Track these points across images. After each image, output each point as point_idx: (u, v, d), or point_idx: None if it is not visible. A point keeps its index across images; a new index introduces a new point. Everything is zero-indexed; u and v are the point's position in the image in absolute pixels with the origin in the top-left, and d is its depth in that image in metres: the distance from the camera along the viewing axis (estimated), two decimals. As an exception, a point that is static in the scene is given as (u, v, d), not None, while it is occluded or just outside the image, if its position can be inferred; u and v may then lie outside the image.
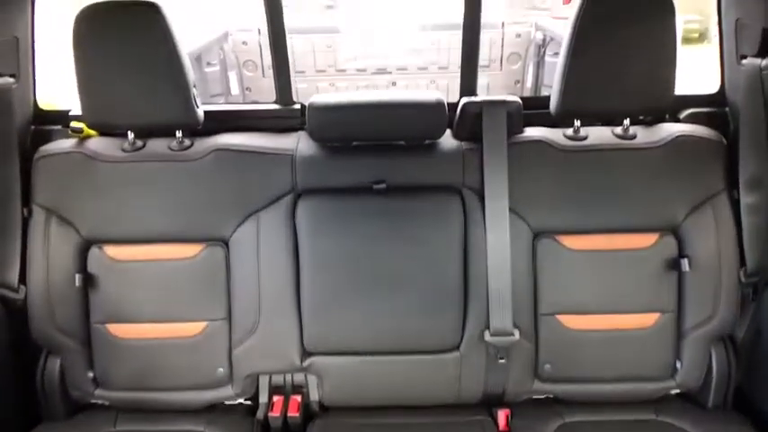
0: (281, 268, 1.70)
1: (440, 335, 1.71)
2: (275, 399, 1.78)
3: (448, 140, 1.76)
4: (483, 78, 3.09)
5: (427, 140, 1.74)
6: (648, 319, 1.70)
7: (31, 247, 1.70)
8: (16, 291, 1.69)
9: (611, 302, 1.70)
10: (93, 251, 1.71)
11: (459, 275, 1.69)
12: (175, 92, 1.63)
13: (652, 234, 1.69)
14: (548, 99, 1.70)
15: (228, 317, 1.72)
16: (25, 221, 1.71)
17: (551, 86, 1.69)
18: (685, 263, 1.67)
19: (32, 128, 1.84)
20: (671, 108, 1.77)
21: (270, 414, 1.74)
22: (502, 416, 1.72)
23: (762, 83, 1.56)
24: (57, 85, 2.42)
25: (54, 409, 1.75)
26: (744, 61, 1.66)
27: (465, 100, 1.73)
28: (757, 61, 1.59)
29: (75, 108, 1.75)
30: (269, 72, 3.78)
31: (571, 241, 1.70)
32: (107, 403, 1.79)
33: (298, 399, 1.77)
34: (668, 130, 1.74)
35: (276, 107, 1.90)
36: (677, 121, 1.83)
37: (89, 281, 1.71)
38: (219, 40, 3.88)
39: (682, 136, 1.71)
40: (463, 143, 1.75)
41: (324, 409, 1.80)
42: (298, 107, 1.89)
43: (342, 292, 1.69)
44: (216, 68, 3.81)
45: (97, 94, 1.63)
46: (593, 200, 1.69)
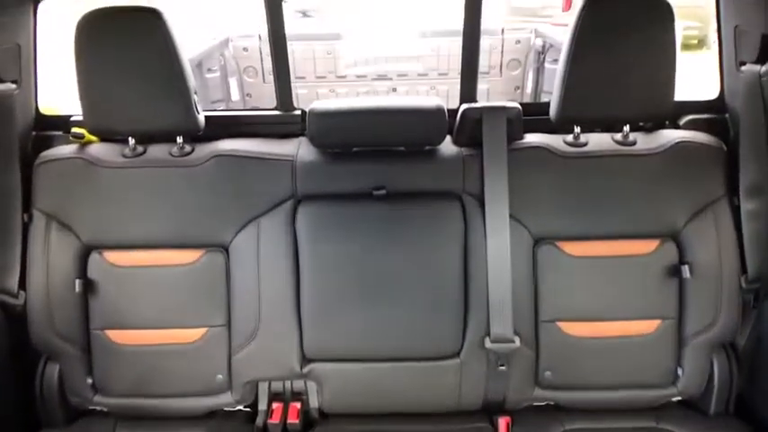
0: (280, 274, 1.70)
1: (440, 341, 1.71)
2: (275, 405, 1.77)
3: (448, 146, 1.76)
4: (483, 84, 3.09)
5: (427, 146, 1.74)
6: (649, 326, 1.70)
7: (31, 252, 1.70)
8: (16, 296, 1.69)
9: (611, 309, 1.70)
10: (94, 257, 1.71)
11: (460, 282, 1.69)
12: (176, 98, 1.64)
13: (652, 240, 1.69)
14: (547, 105, 1.70)
15: (228, 323, 1.72)
16: (25, 227, 1.71)
17: (551, 93, 1.69)
18: (686, 269, 1.67)
19: (34, 133, 1.84)
20: (671, 114, 1.77)
21: (269, 421, 1.73)
22: (502, 423, 1.71)
23: (761, 89, 1.56)
24: (58, 89, 2.43)
25: (53, 415, 1.74)
26: (743, 68, 1.66)
27: (465, 106, 1.73)
28: (756, 68, 1.59)
29: (77, 113, 1.76)
30: (269, 78, 3.80)
31: (571, 248, 1.70)
32: (106, 410, 1.78)
33: (297, 406, 1.76)
34: (668, 136, 1.74)
35: (277, 113, 1.90)
36: (677, 127, 1.83)
37: (89, 286, 1.71)
38: (220, 46, 3.89)
39: (682, 142, 1.71)
40: (463, 149, 1.75)
41: (323, 416, 1.79)
42: (298, 113, 1.89)
43: (342, 298, 1.69)
44: (216, 75, 3.81)
45: (98, 99, 1.64)
46: (593, 206, 1.69)
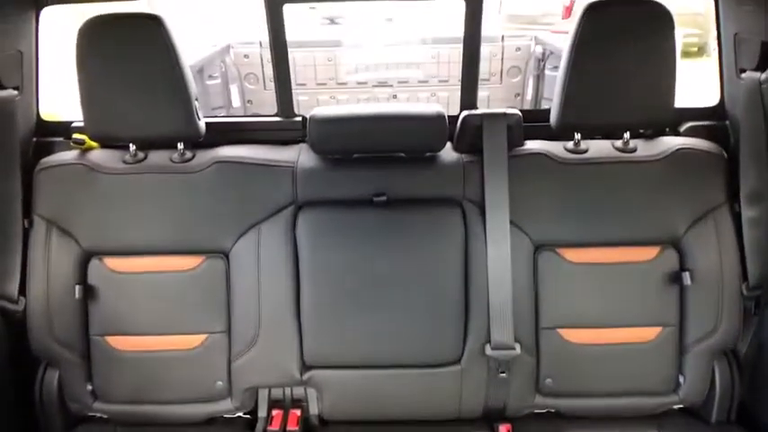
0: (281, 281, 1.69)
1: (440, 348, 1.70)
2: (274, 412, 1.76)
3: (448, 153, 1.76)
4: (483, 91, 3.09)
5: (428, 153, 1.75)
6: (650, 333, 1.70)
7: (31, 258, 1.70)
8: (16, 302, 1.68)
9: (612, 316, 1.70)
10: (94, 263, 1.71)
11: (460, 288, 1.69)
12: (177, 104, 1.64)
13: (653, 247, 1.69)
14: (548, 112, 1.70)
15: (228, 329, 1.71)
16: (26, 233, 1.71)
17: (551, 100, 1.69)
18: (687, 276, 1.66)
19: (35, 139, 1.84)
20: (671, 121, 1.77)
21: (269, 428, 1.73)
22: (503, 431, 1.70)
23: (761, 96, 1.57)
24: (59, 95, 2.43)
25: (52, 421, 1.73)
26: (743, 75, 1.67)
27: (465, 113, 1.74)
28: (756, 75, 1.59)
29: (78, 120, 1.76)
30: (270, 85, 3.81)
31: (572, 254, 1.69)
32: (105, 416, 1.77)
33: (297, 412, 1.76)
34: (668, 143, 1.74)
35: (277, 119, 1.91)
36: (677, 134, 1.83)
37: (89, 292, 1.70)
38: (221, 53, 3.90)
39: (682, 149, 1.71)
40: (464, 156, 1.75)
41: (323, 422, 1.79)
42: (299, 119, 1.89)
43: (342, 304, 1.69)
44: (217, 81, 3.82)
45: (99, 105, 1.64)
46: (593, 213, 1.69)
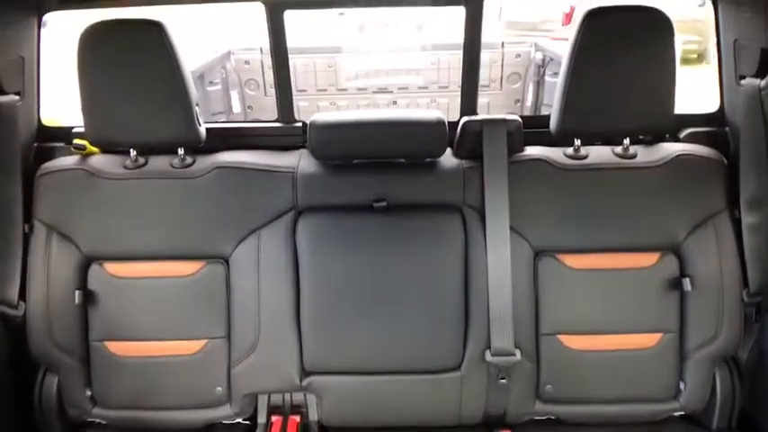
0: (281, 286, 1.69)
1: (440, 354, 1.70)
2: (274, 418, 1.76)
3: (448, 159, 1.76)
4: (483, 98, 3.11)
5: (428, 159, 1.75)
6: (651, 340, 1.69)
7: (31, 263, 1.70)
8: (15, 307, 1.68)
9: (612, 322, 1.69)
10: (94, 268, 1.71)
11: (460, 294, 1.68)
12: (178, 110, 1.64)
13: (653, 253, 1.69)
14: (548, 118, 1.71)
15: (228, 335, 1.71)
16: (26, 238, 1.71)
17: (551, 106, 1.70)
18: (687, 282, 1.66)
19: (35, 145, 1.85)
20: (671, 127, 1.78)
21: None
22: (503, 437, 1.70)
23: (761, 102, 1.57)
24: (60, 100, 2.44)
25: (51, 427, 1.73)
26: (743, 81, 1.67)
27: (465, 119, 1.74)
28: (756, 81, 1.60)
29: (79, 125, 1.77)
30: (271, 91, 3.82)
31: (572, 260, 1.69)
32: (104, 422, 1.77)
33: (297, 419, 1.75)
34: (668, 149, 1.74)
35: (278, 125, 1.91)
36: (677, 140, 1.84)
37: (89, 298, 1.70)
38: (222, 59, 3.92)
39: (682, 155, 1.71)
40: (463, 162, 1.75)
41: (323, 429, 1.78)
42: (299, 125, 1.90)
43: (342, 310, 1.69)
44: (218, 87, 3.83)
45: (100, 111, 1.64)
46: (593, 219, 1.69)
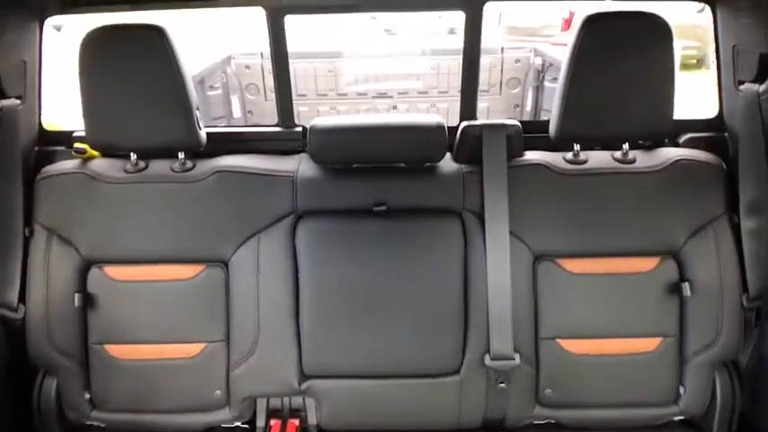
0: (280, 290, 1.69)
1: (440, 358, 1.70)
2: (273, 422, 1.76)
3: (448, 164, 1.77)
4: (483, 103, 3.11)
5: (427, 163, 1.75)
6: (650, 344, 1.69)
7: (31, 266, 1.70)
8: (15, 310, 1.68)
9: (612, 327, 1.69)
10: (94, 271, 1.71)
11: (460, 299, 1.69)
12: (178, 114, 1.65)
13: (653, 258, 1.69)
14: (547, 123, 1.71)
15: (227, 338, 1.71)
16: (26, 241, 1.71)
17: (550, 111, 1.70)
18: (686, 287, 1.66)
19: (36, 148, 1.85)
20: (670, 133, 1.78)
21: None
22: (502, 441, 1.70)
23: (760, 108, 1.58)
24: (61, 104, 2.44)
25: (50, 430, 1.73)
26: (741, 87, 1.68)
27: (465, 123, 1.74)
28: (755, 87, 1.61)
29: (79, 129, 1.77)
30: (271, 95, 3.82)
31: (571, 265, 1.69)
32: (103, 425, 1.77)
33: (295, 422, 1.75)
34: (667, 154, 1.75)
35: (278, 129, 1.92)
36: (676, 145, 1.84)
37: (88, 301, 1.70)
38: (223, 63, 3.93)
39: (681, 160, 1.72)
40: (463, 166, 1.76)
41: (322, 433, 1.78)
42: (299, 130, 1.90)
43: (341, 314, 1.69)
44: (218, 92, 3.84)
45: (101, 115, 1.65)
46: (593, 223, 1.69)
